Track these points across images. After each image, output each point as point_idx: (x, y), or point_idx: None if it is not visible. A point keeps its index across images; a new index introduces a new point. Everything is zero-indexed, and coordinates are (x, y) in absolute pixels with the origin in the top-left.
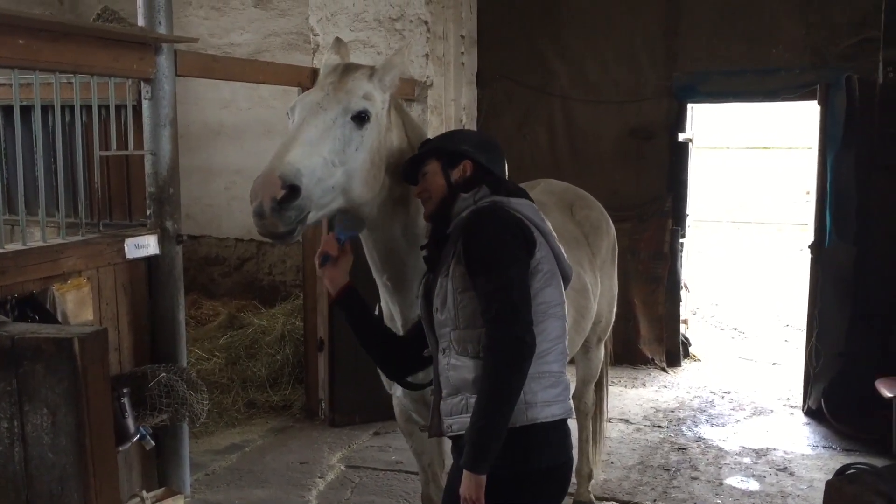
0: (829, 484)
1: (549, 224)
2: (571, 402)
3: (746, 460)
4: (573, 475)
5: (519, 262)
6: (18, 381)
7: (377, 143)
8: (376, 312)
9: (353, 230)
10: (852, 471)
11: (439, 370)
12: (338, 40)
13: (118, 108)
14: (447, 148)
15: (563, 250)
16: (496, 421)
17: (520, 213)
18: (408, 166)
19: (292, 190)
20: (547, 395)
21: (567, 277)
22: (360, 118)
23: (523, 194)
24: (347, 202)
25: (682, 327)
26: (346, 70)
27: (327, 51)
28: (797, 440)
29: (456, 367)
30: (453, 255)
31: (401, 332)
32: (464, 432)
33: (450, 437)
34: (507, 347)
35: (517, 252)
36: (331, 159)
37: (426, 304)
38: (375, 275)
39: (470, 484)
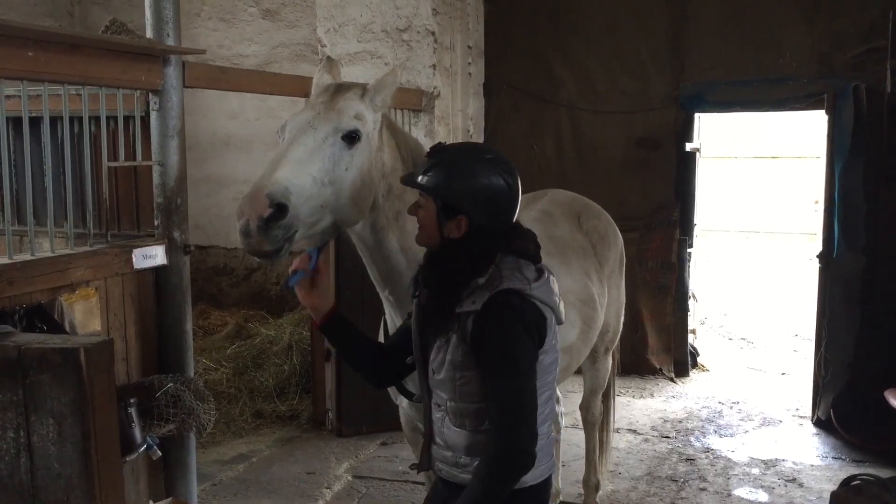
0: (834, 495)
1: (557, 296)
2: (553, 454)
3: (755, 471)
4: (581, 486)
5: (529, 357)
6: (25, 392)
7: (367, 163)
8: (381, 324)
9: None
10: (857, 482)
11: (432, 419)
12: (329, 59)
13: (126, 119)
14: (444, 195)
15: (562, 307)
16: None
17: (535, 297)
18: (408, 179)
19: (280, 209)
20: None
21: (560, 322)
22: (351, 138)
23: (535, 258)
24: (336, 222)
25: (691, 337)
26: (338, 90)
27: (318, 70)
28: (806, 451)
29: (451, 431)
30: (457, 328)
31: None
32: (452, 480)
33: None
34: (511, 462)
35: (529, 347)
36: (320, 178)
37: (420, 338)
38: (378, 288)
39: None
